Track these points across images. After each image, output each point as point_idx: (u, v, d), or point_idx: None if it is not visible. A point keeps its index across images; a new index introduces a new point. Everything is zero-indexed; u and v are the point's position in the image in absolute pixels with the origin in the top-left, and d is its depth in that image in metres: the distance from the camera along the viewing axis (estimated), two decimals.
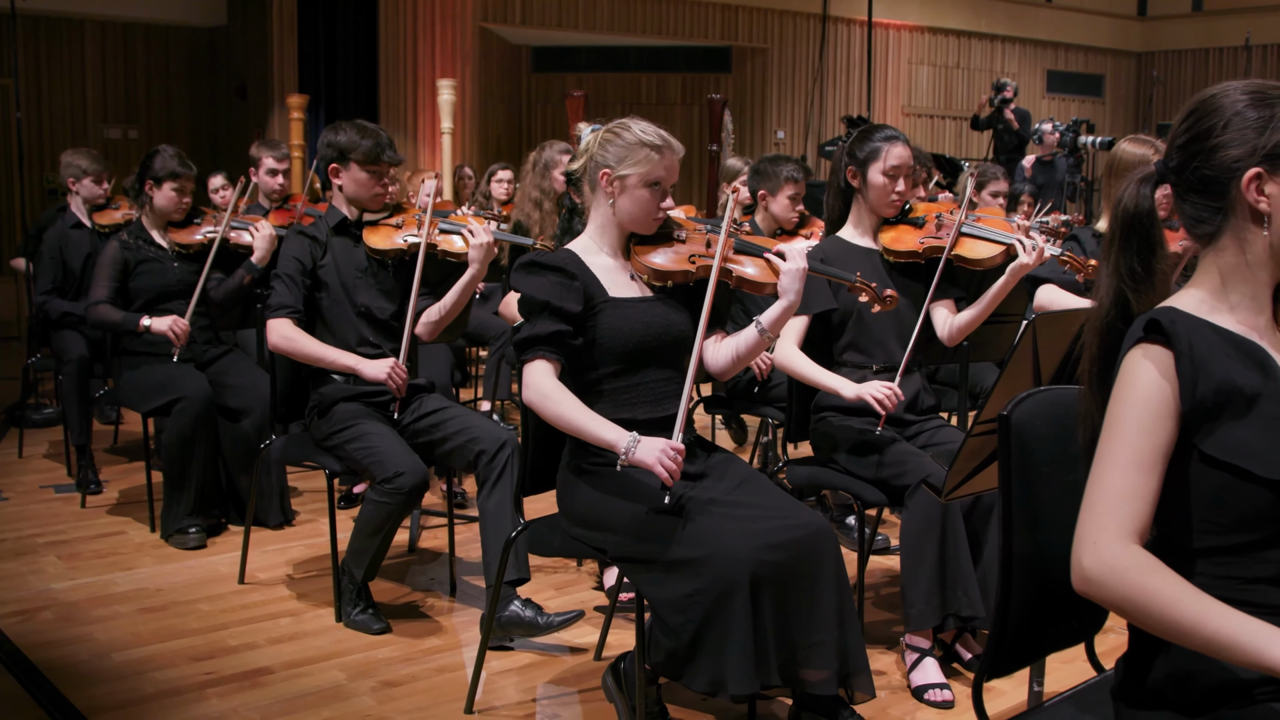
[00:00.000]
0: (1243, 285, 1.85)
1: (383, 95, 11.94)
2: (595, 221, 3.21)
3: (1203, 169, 1.84)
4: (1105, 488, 1.77)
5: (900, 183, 3.90)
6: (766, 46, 14.86)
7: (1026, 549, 1.99)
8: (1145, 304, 1.87)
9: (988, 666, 2.03)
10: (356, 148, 4.11)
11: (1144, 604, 1.70)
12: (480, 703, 3.39)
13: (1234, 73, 16.68)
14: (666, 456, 2.83)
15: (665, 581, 2.84)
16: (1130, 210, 1.89)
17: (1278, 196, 1.80)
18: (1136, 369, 1.79)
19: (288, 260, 4.08)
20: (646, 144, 3.11)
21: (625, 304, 3.10)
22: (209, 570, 4.53)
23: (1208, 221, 1.86)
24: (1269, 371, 1.79)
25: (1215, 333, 1.81)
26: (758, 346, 3.14)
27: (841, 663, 2.92)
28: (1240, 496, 1.76)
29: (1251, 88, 1.85)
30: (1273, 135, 1.80)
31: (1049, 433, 2.01)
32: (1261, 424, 1.75)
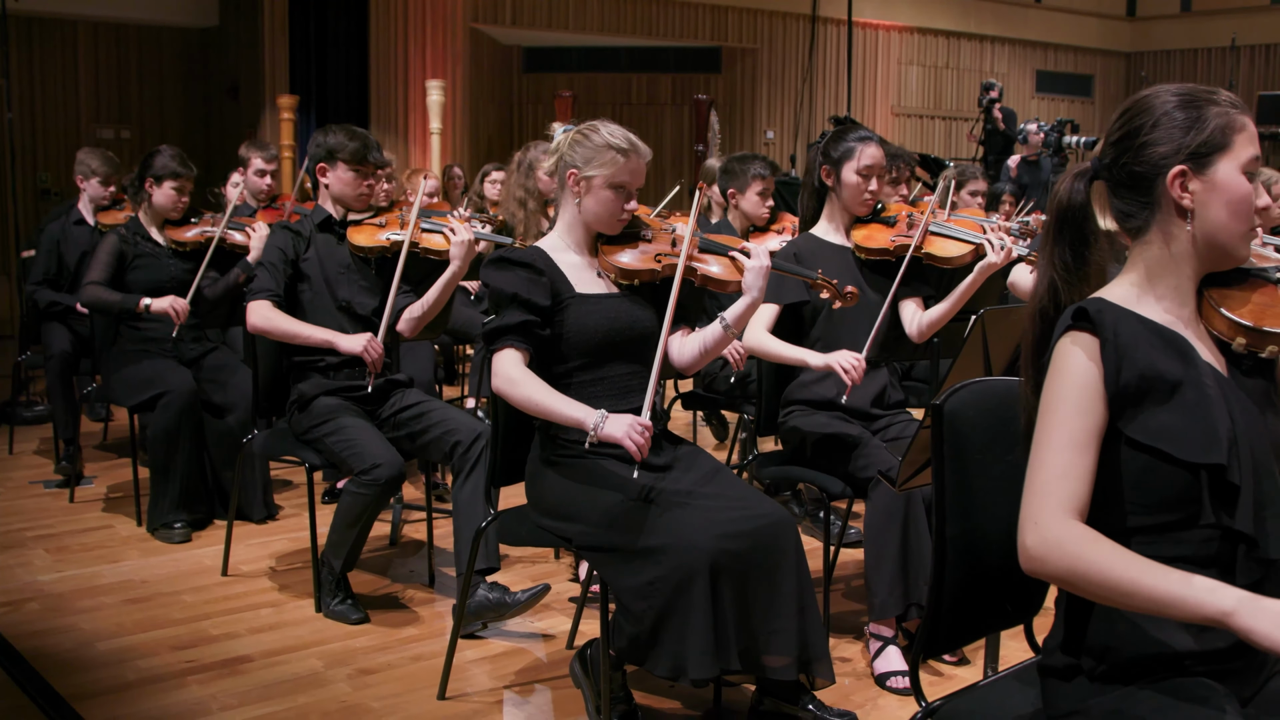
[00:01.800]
0: (1168, 278, 1.94)
1: (373, 96, 12.02)
2: (563, 220, 3.30)
3: (1132, 165, 1.93)
4: (1043, 469, 1.85)
5: (873, 182, 3.99)
6: (756, 47, 14.94)
7: (959, 533, 2.07)
8: (1077, 294, 1.96)
9: (923, 647, 2.12)
10: (344, 148, 4.22)
11: (1085, 573, 1.77)
12: (453, 690, 3.48)
13: (1221, 72, 16.80)
14: (635, 431, 2.93)
15: (628, 569, 2.93)
16: (1065, 204, 1.97)
17: (1200, 193, 1.89)
18: (1065, 355, 1.87)
19: (271, 250, 4.19)
20: (613, 147, 3.20)
21: (591, 300, 3.19)
22: (193, 563, 4.61)
23: (1136, 216, 1.95)
24: (1190, 360, 1.88)
25: (1140, 322, 1.89)
26: (722, 342, 3.23)
27: (801, 649, 3.00)
28: (1162, 478, 1.84)
29: (1181, 91, 1.94)
30: (1198, 135, 1.89)
31: (982, 422, 2.10)
32: (1182, 410, 1.84)
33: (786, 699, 3.20)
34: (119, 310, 4.96)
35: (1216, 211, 1.89)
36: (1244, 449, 1.84)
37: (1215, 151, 1.89)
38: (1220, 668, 1.88)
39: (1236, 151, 1.89)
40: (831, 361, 3.67)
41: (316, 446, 4.07)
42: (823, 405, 3.85)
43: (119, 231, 5.10)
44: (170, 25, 12.77)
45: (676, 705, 3.41)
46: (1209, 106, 1.90)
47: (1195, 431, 1.83)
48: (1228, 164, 1.89)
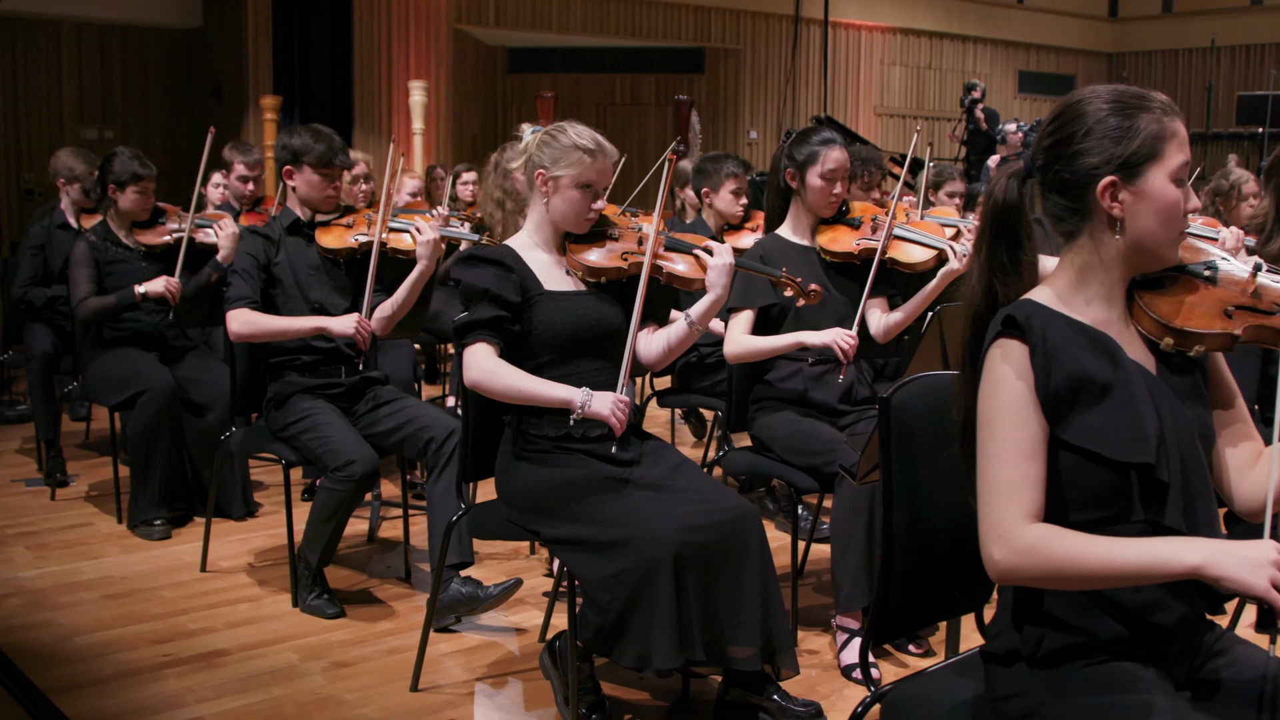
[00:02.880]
0: (1098, 281, 1.99)
1: (357, 96, 12.06)
2: (532, 219, 3.36)
3: (1063, 173, 1.96)
4: (996, 482, 1.89)
5: (838, 185, 4.05)
6: (739, 48, 15.02)
7: (906, 523, 2.14)
8: (1012, 294, 2.00)
9: (871, 634, 2.18)
10: (310, 151, 4.24)
11: (1060, 570, 1.82)
12: (425, 682, 3.54)
13: (1202, 73, 16.91)
14: (619, 407, 3.06)
15: (594, 562, 2.99)
16: (999, 204, 2.01)
17: (1130, 203, 1.93)
18: (997, 368, 1.92)
19: (243, 257, 4.22)
20: (580, 147, 3.26)
21: (559, 297, 3.24)
22: (172, 559, 4.66)
23: (1067, 220, 2.00)
24: (1118, 361, 1.93)
25: (1069, 325, 1.94)
26: (687, 339, 3.29)
27: (766, 640, 3.07)
28: (1094, 477, 1.90)
29: (1114, 95, 1.97)
30: (1128, 145, 1.91)
31: (930, 415, 2.16)
32: (1111, 411, 1.89)
33: (752, 689, 3.26)
34: (120, 308, 5.00)
35: (1146, 220, 1.93)
36: (1172, 446, 1.90)
37: (1145, 161, 1.91)
38: (1155, 652, 1.94)
39: (1167, 160, 1.92)
40: (829, 339, 3.76)
41: (292, 443, 4.12)
42: (790, 401, 3.92)
43: (88, 238, 5.13)
44: (154, 26, 12.79)
45: (645, 696, 3.47)
46: (1141, 114, 1.92)
47: (1124, 432, 1.88)
48: (1158, 173, 1.91)
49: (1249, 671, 1.99)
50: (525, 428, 3.22)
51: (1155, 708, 1.83)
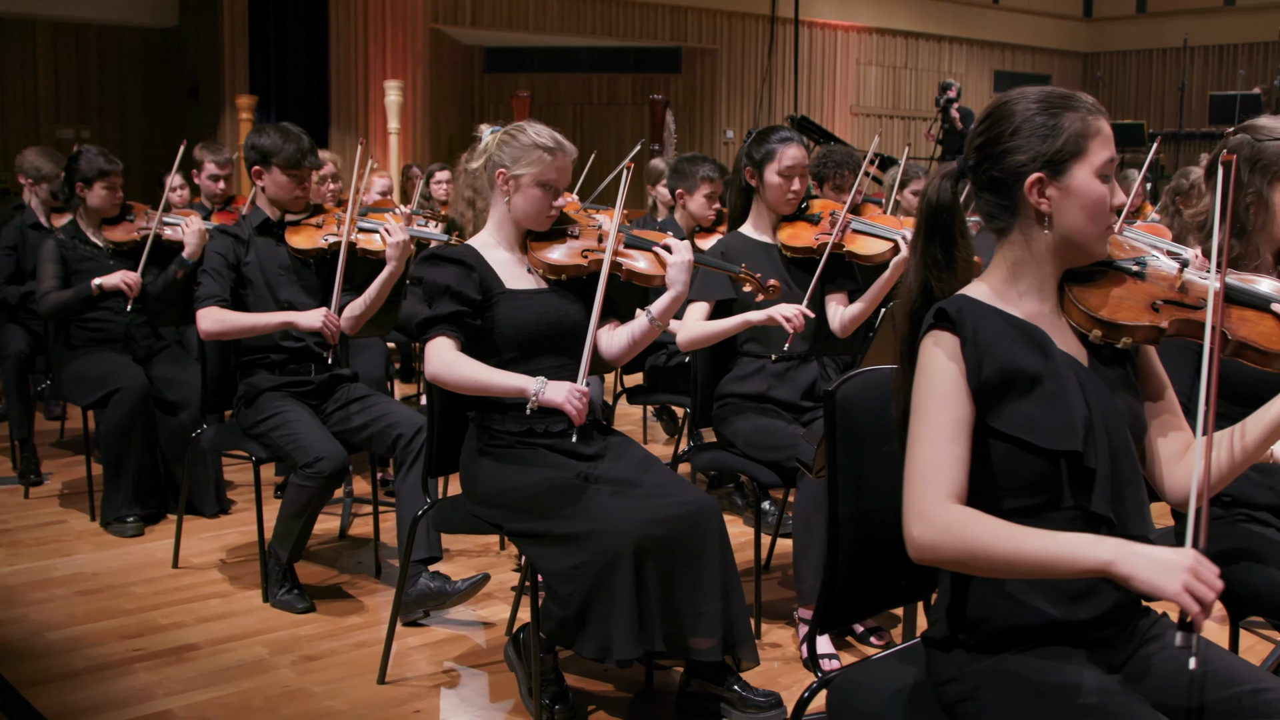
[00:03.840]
0: (1029, 276, 2.06)
1: (334, 96, 12.09)
2: (493, 218, 3.41)
3: (993, 171, 2.04)
4: (920, 463, 1.95)
5: (795, 182, 4.11)
6: (716, 48, 15.09)
7: (852, 513, 2.20)
8: (947, 290, 2.07)
9: (819, 621, 2.24)
10: (279, 152, 4.26)
11: (972, 551, 1.87)
12: (393, 674, 3.59)
13: (1175, 72, 17.03)
14: (574, 396, 3.10)
15: (555, 554, 3.05)
16: (933, 203, 2.08)
17: (1057, 199, 2.00)
18: (928, 355, 1.99)
19: (212, 256, 4.25)
20: (540, 146, 3.31)
21: (521, 295, 3.30)
22: (145, 556, 4.70)
23: (999, 217, 2.07)
24: (1048, 353, 2.00)
25: (1002, 318, 2.01)
26: (649, 335, 3.36)
27: (727, 632, 3.13)
28: (1025, 465, 1.97)
29: (1042, 96, 2.04)
30: (1054, 143, 1.98)
31: (875, 408, 2.22)
32: (1041, 401, 1.96)
33: (713, 680, 3.32)
34: (77, 301, 5.03)
35: (1073, 215, 2.00)
36: (1100, 434, 1.97)
37: (1071, 158, 1.98)
38: (1090, 636, 2.01)
39: (1091, 157, 1.99)
40: (773, 313, 3.82)
41: (262, 440, 4.17)
42: (754, 398, 3.98)
43: (56, 236, 5.17)
44: (130, 25, 12.81)
45: (609, 688, 3.53)
46: (1066, 113, 1.99)
47: (1053, 421, 1.95)
48: (1083, 170, 1.99)
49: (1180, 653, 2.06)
50: (488, 423, 3.28)
51: (1085, 689, 1.90)
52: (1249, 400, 2.15)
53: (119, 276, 4.96)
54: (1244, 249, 2.85)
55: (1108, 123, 2.04)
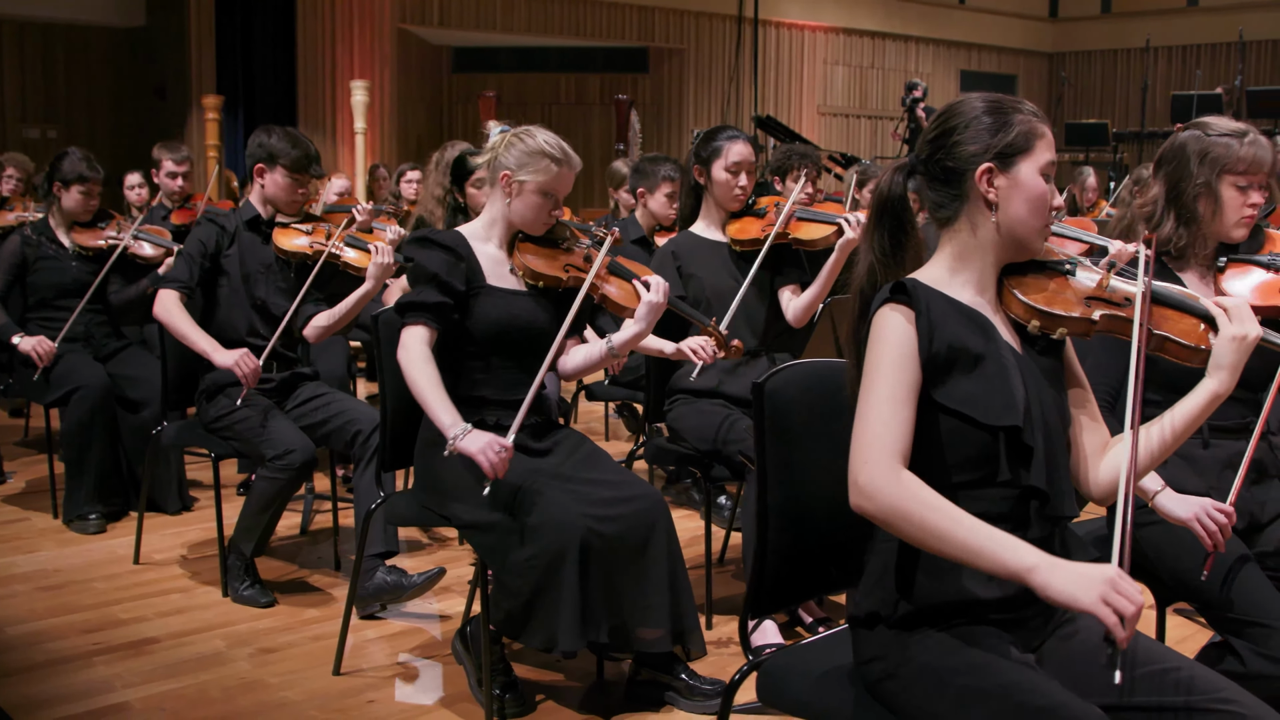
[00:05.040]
0: (973, 264, 2.17)
1: (301, 96, 12.12)
2: (489, 214, 3.45)
3: (945, 161, 2.16)
4: (870, 419, 2.04)
5: (742, 178, 4.19)
6: (683, 47, 15.18)
7: (782, 501, 2.27)
8: (893, 277, 2.17)
9: (749, 607, 2.32)
10: (286, 155, 4.29)
11: (906, 516, 1.96)
12: (348, 665, 3.65)
13: (1138, 72, 17.20)
14: (491, 450, 3.07)
15: (503, 547, 3.12)
16: (885, 195, 2.20)
17: (1005, 189, 2.12)
18: (884, 321, 2.09)
19: (193, 241, 4.29)
20: (548, 155, 3.36)
21: (499, 293, 3.35)
22: (107, 552, 4.75)
23: (947, 207, 2.18)
24: (991, 336, 2.11)
25: (948, 302, 2.12)
26: (603, 360, 3.45)
27: (675, 623, 3.22)
28: (966, 439, 2.07)
29: (990, 99, 2.19)
30: (1004, 137, 2.12)
31: (803, 400, 2.30)
32: (984, 379, 2.07)
33: (662, 669, 3.39)
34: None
35: (1018, 206, 2.12)
36: (1037, 414, 2.08)
37: (1019, 153, 2.12)
38: (1010, 617, 2.09)
39: (1036, 155, 2.13)
40: (681, 346, 3.89)
41: (226, 435, 4.20)
42: (705, 394, 4.05)
43: (23, 233, 5.20)
44: (96, 25, 12.80)
45: (559, 677, 3.60)
46: (1014, 114, 2.14)
47: (995, 398, 2.06)
48: (1029, 165, 2.12)
49: (1093, 636, 2.15)
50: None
51: (1000, 667, 1.98)
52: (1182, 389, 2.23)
53: (33, 344, 4.95)
54: (1191, 239, 2.94)
55: (1050, 130, 2.18)
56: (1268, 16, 16.61)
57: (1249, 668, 2.60)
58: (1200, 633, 3.98)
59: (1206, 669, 2.13)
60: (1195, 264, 2.96)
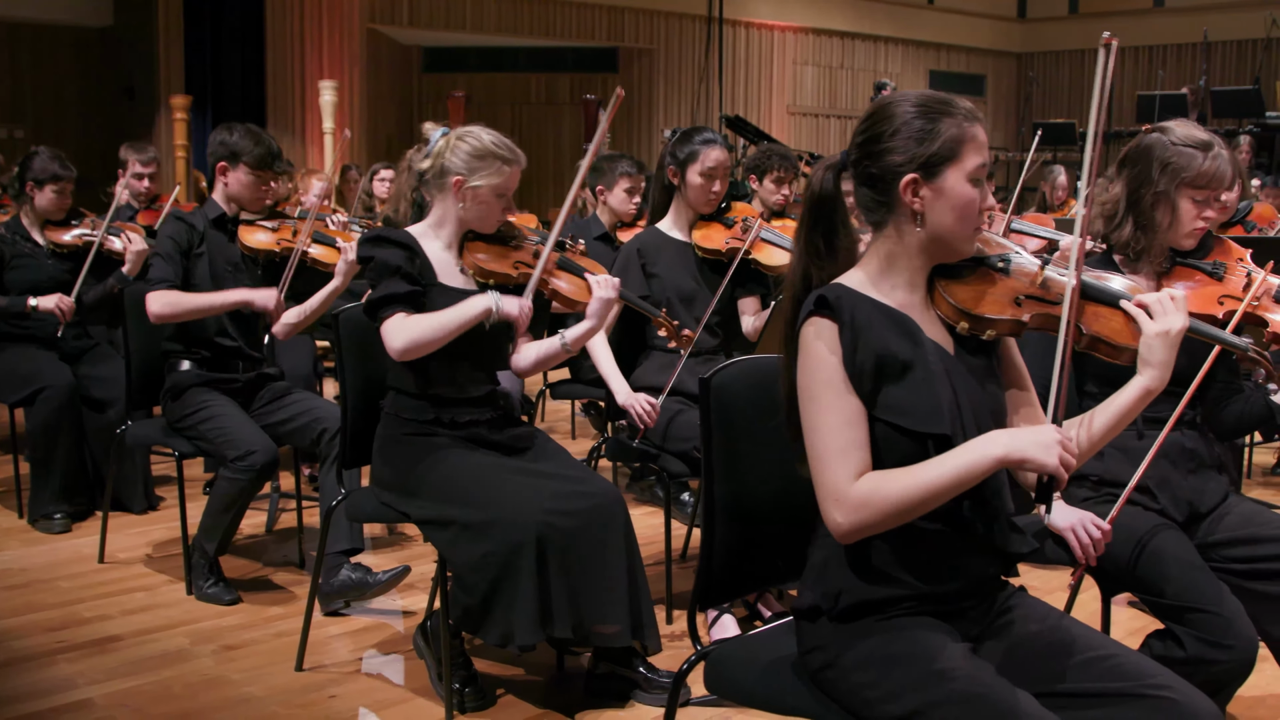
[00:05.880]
0: (901, 268, 2.19)
1: (270, 96, 12.10)
2: (435, 215, 3.47)
3: (871, 168, 2.16)
4: (824, 451, 2.07)
5: (716, 183, 4.24)
6: (653, 47, 15.23)
7: (728, 495, 2.32)
8: (827, 277, 2.19)
9: (697, 599, 2.37)
10: (249, 152, 4.31)
11: (894, 508, 2.02)
12: (311, 662, 3.69)
13: None
14: (526, 308, 3.29)
15: (461, 543, 3.16)
16: (816, 194, 2.20)
17: (930, 200, 2.12)
18: (810, 344, 2.10)
19: (165, 240, 4.29)
20: (499, 156, 3.38)
21: (450, 291, 3.38)
22: (72, 552, 4.76)
23: (875, 212, 2.19)
24: (918, 341, 2.13)
25: (875, 306, 2.14)
26: (557, 356, 3.49)
27: (633, 617, 3.26)
28: (897, 446, 2.10)
29: (922, 99, 2.17)
30: (930, 146, 2.11)
31: (749, 395, 2.35)
32: (911, 386, 2.09)
33: (620, 663, 3.44)
34: (8, 313, 5.07)
35: (943, 215, 2.13)
36: (967, 418, 2.11)
37: (944, 162, 2.11)
38: (949, 608, 2.15)
39: (964, 162, 2.11)
40: (629, 403, 3.96)
41: (189, 434, 4.22)
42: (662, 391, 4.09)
43: None
44: (64, 24, 12.76)
45: (520, 672, 3.64)
46: (943, 118, 2.12)
47: (922, 405, 2.08)
48: (955, 173, 2.11)
49: (1033, 625, 2.20)
50: (399, 411, 3.37)
51: (937, 656, 2.03)
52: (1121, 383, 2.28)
53: (54, 300, 5.00)
54: (1148, 244, 2.99)
55: (983, 130, 2.17)
56: (1231, 18, 16.76)
57: (1189, 652, 2.66)
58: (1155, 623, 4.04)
59: (1141, 655, 2.19)
60: (1148, 268, 3.01)
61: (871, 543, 2.11)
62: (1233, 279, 2.98)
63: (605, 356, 4.07)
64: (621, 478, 5.69)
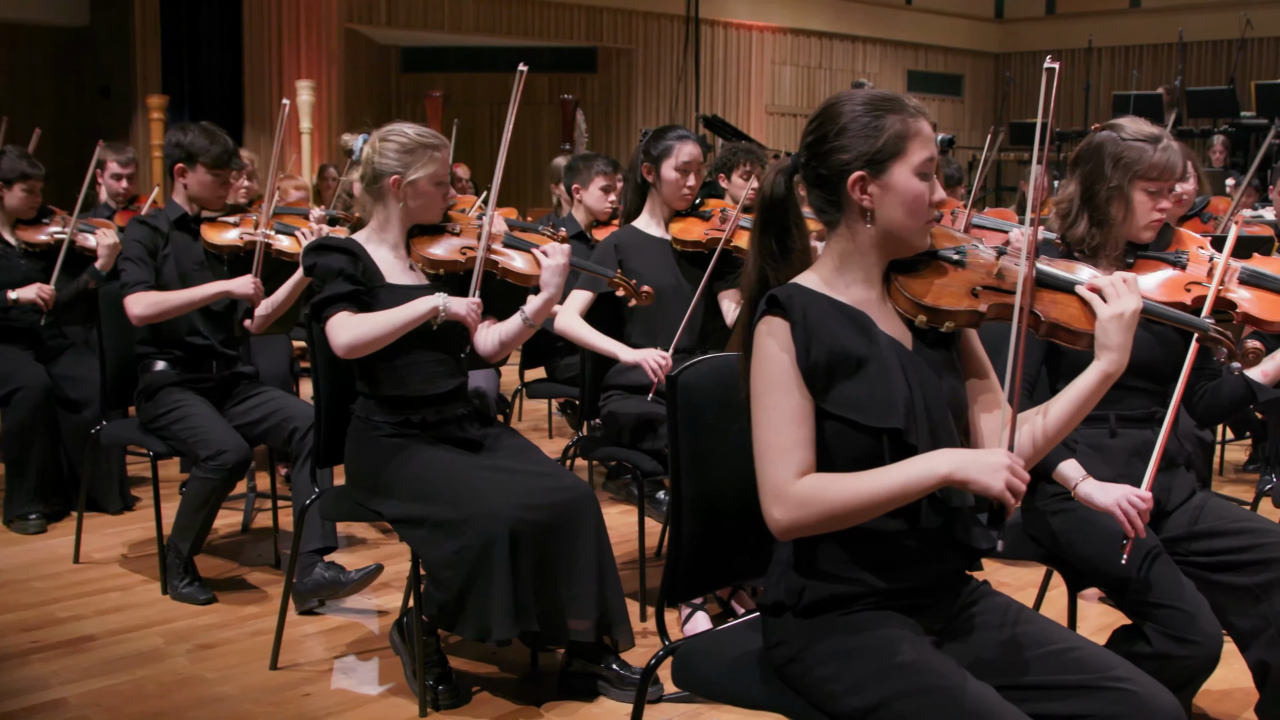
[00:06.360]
0: (856, 266, 2.21)
1: (247, 96, 12.09)
2: (378, 219, 3.49)
3: (820, 169, 2.19)
4: (768, 447, 2.10)
5: (690, 178, 4.26)
6: (632, 47, 15.25)
7: (695, 491, 2.34)
8: (783, 278, 2.23)
9: (665, 594, 2.39)
10: (205, 152, 4.31)
11: (834, 511, 2.04)
12: (286, 660, 3.70)
13: (1081, 72, 17.42)
14: (474, 308, 3.34)
15: (434, 540, 3.18)
16: (768, 197, 2.23)
17: (878, 196, 2.15)
18: (762, 342, 2.13)
19: (132, 244, 4.29)
20: (427, 145, 3.42)
21: (400, 290, 3.41)
22: (48, 552, 4.76)
23: (827, 212, 2.22)
24: (873, 337, 2.15)
25: (831, 304, 2.16)
26: (522, 334, 3.50)
27: (602, 614, 3.29)
28: (851, 442, 2.12)
29: (868, 98, 2.19)
30: (875, 143, 2.13)
31: (716, 393, 2.37)
32: (866, 382, 2.12)
33: (592, 659, 3.46)
34: None
35: (893, 211, 2.15)
36: (920, 412, 2.13)
37: (890, 158, 2.13)
38: (912, 603, 2.17)
39: (910, 157, 2.14)
40: (640, 358, 3.96)
41: (162, 434, 4.23)
42: (637, 390, 4.11)
43: None
44: (40, 24, 12.71)
45: (494, 670, 3.66)
46: (888, 114, 2.15)
47: (877, 400, 2.11)
48: (902, 168, 2.14)
49: (995, 619, 2.23)
50: (368, 414, 3.39)
51: (899, 649, 2.06)
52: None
53: (34, 290, 5.00)
54: (1104, 239, 3.02)
55: (929, 124, 2.19)
56: (1207, 18, 16.86)
57: (1155, 648, 2.69)
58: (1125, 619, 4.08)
59: (1102, 649, 2.22)
60: (1106, 263, 3.04)
61: (834, 539, 2.13)
62: (1196, 266, 3.02)
63: (592, 334, 4.08)
64: (598, 476, 5.71)
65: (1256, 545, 2.85)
